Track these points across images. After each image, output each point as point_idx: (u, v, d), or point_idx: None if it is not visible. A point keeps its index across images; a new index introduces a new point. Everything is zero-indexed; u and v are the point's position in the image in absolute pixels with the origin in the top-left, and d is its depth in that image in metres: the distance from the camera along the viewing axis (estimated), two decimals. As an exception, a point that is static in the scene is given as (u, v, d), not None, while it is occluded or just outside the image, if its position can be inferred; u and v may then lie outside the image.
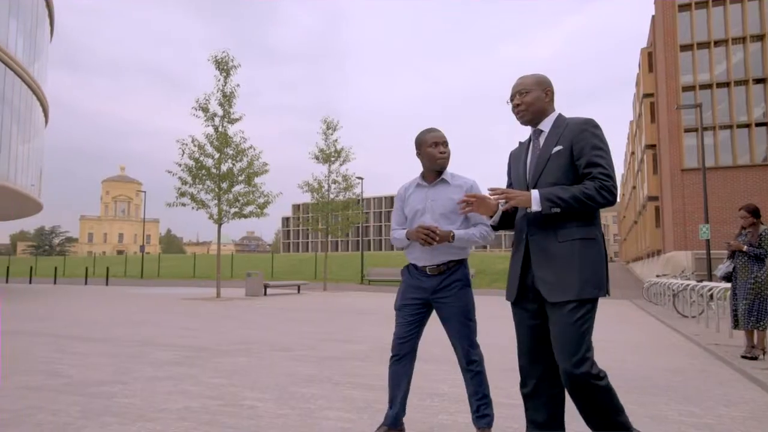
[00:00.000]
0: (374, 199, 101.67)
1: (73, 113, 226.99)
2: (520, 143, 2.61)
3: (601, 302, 16.38)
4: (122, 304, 14.42)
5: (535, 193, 2.26)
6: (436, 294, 2.85)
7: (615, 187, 2.21)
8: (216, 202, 17.26)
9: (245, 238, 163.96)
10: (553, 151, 2.35)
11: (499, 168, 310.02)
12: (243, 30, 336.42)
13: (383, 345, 6.87)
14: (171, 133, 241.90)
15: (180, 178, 17.10)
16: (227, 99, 17.51)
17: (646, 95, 29.67)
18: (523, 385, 2.46)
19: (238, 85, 17.67)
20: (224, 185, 17.21)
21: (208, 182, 17.14)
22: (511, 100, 2.49)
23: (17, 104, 22.08)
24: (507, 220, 2.61)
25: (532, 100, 2.43)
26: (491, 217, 2.60)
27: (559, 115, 2.45)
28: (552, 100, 2.48)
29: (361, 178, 26.07)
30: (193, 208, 17.22)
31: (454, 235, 2.78)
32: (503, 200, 2.39)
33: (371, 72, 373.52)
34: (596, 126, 2.33)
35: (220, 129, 17.40)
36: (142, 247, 37.67)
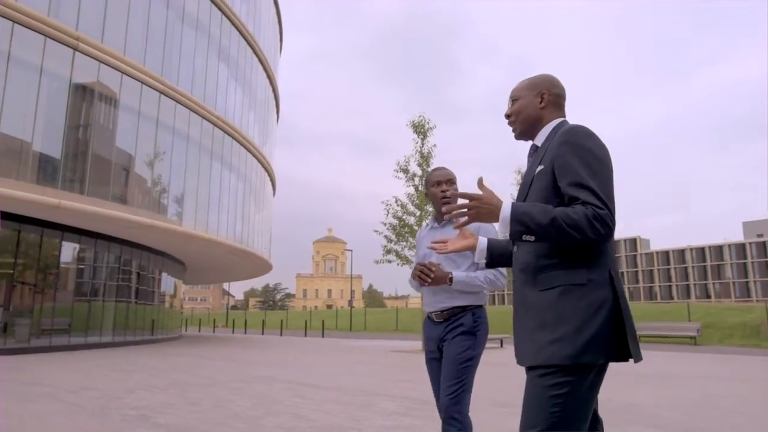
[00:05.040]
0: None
1: (289, 183, 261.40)
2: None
3: None
4: (340, 354, 15.65)
5: (506, 209, 1.67)
6: (442, 343, 2.65)
7: (611, 218, 1.62)
8: (418, 257, 18.00)
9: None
10: (536, 172, 1.81)
11: (714, 207, 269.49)
12: (427, 89, 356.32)
13: (617, 405, 6.28)
14: (365, 194, 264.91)
15: (385, 236, 18.32)
16: (425, 159, 18.48)
17: None
18: None
19: (434, 146, 18.60)
20: (425, 241, 17.90)
21: (410, 239, 18.05)
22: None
23: (254, 181, 26.29)
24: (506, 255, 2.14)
25: (519, 107, 1.94)
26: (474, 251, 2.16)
27: (557, 125, 1.88)
28: (552, 105, 1.91)
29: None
30: (398, 264, 18.21)
31: (452, 277, 2.55)
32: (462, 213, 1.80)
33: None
34: (586, 134, 1.73)
35: (420, 188, 18.36)
36: (350, 302, 40.82)
